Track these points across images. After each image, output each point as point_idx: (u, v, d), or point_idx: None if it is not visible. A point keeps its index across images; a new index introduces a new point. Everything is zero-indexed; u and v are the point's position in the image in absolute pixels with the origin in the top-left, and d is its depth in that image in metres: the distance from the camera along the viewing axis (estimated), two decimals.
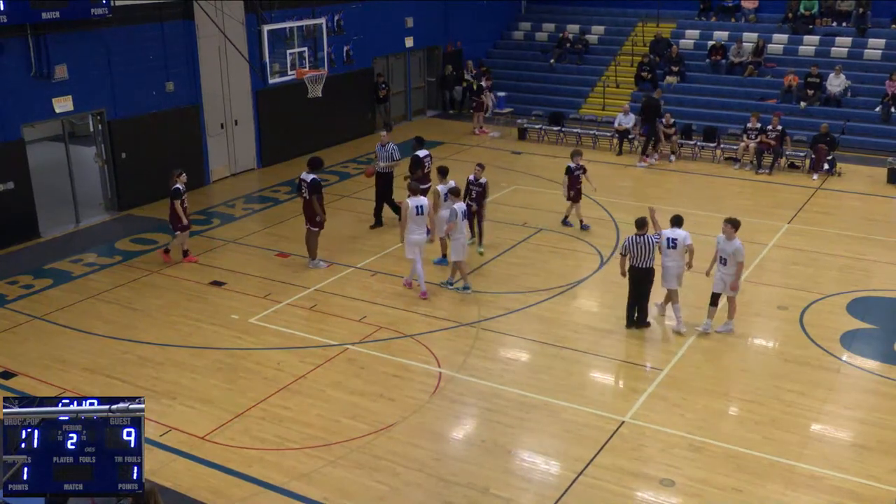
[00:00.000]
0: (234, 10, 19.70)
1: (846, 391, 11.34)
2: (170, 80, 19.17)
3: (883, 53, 24.85)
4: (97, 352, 12.47)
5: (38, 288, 14.73)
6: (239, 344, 12.67)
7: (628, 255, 12.59)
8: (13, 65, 16.21)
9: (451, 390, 11.33)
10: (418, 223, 13.81)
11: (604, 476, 9.47)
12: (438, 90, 28.25)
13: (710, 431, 10.30)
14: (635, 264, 12.56)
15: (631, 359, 12.18)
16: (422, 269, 14.07)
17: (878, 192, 19.66)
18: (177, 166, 15.53)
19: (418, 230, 13.84)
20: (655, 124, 21.92)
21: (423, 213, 13.86)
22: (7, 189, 16.43)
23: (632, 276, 12.67)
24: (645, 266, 12.56)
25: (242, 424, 10.57)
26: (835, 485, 9.31)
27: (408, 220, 13.74)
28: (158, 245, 16.54)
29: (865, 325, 13.04)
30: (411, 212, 13.71)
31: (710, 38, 27.08)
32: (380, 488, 9.32)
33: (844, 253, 15.87)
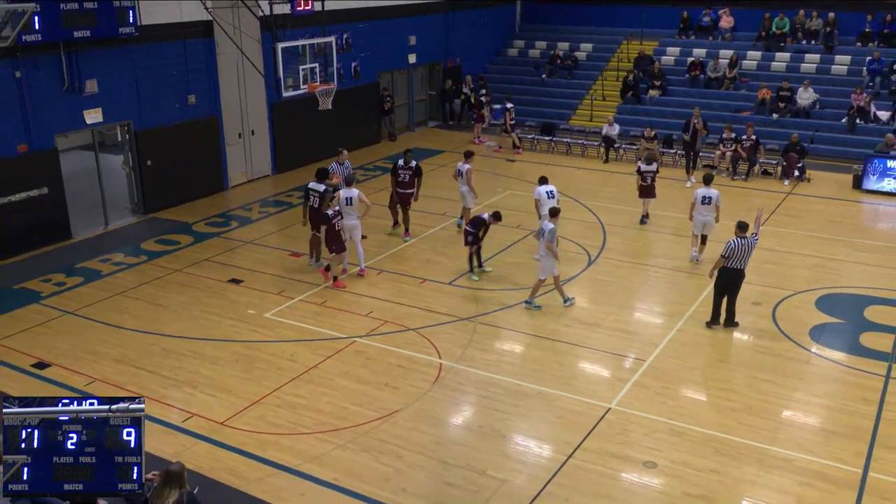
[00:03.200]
0: (250, 28, 19.70)
1: (815, 380, 11.33)
2: (191, 94, 19.16)
3: (848, 69, 24.84)
4: (125, 344, 12.46)
5: (70, 285, 14.72)
6: (255, 337, 12.66)
7: (730, 257, 12.07)
8: (47, 79, 16.20)
9: (450, 380, 11.33)
10: (348, 211, 14.42)
11: (591, 459, 9.46)
12: (439, 103, 28.23)
13: (689, 417, 10.30)
14: (731, 265, 12.18)
15: (616, 351, 12.17)
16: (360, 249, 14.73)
17: (845, 196, 19.66)
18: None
19: (349, 217, 14.44)
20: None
21: (351, 204, 14.42)
22: (42, 194, 16.41)
23: (726, 275, 12.27)
24: (739, 267, 12.22)
25: (258, 411, 10.56)
26: (804, 466, 9.31)
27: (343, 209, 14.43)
28: (181, 246, 16.55)
29: (833, 320, 13.03)
30: (342, 202, 14.38)
31: (690, 55, 27.11)
32: (385, 470, 9.31)
33: (813, 253, 15.87)
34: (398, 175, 16.55)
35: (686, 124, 21.11)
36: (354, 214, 14.56)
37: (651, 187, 17.30)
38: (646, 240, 16.78)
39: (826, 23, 25.84)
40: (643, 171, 17.20)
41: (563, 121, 26.31)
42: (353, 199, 14.51)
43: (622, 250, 16.08)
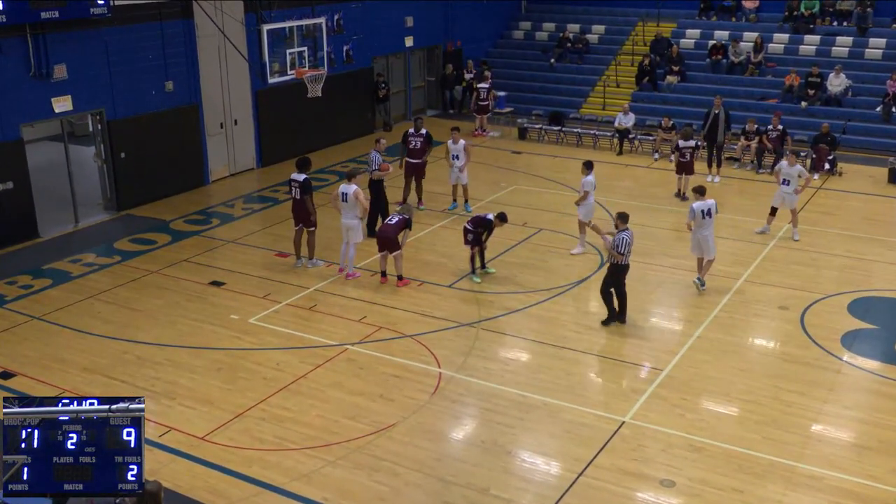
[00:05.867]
0: (233, 9, 19.70)
1: (846, 391, 11.35)
2: (169, 80, 19.17)
3: (884, 53, 24.83)
4: (96, 352, 12.48)
5: (37, 288, 14.74)
6: (238, 344, 12.68)
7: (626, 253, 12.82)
8: (12, 64, 16.21)
9: (450, 390, 11.34)
10: (345, 209, 14.48)
11: (604, 476, 9.48)
12: (439, 90, 28.25)
13: (710, 432, 10.31)
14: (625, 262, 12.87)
15: (631, 359, 12.19)
16: (352, 252, 14.77)
17: (879, 192, 19.67)
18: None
19: (345, 215, 14.50)
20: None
21: (346, 200, 14.44)
22: (6, 189, 16.43)
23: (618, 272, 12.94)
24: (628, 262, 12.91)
25: (242, 425, 10.58)
26: (835, 485, 9.32)
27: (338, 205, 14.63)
28: (158, 245, 16.57)
29: (866, 325, 13.04)
30: (339, 197, 14.49)
31: (711, 38, 27.05)
32: (380, 489, 9.33)
33: (845, 253, 15.88)
34: (409, 142, 17.57)
35: (706, 115, 21.07)
36: (352, 213, 14.56)
37: (690, 163, 18.72)
38: (662, 239, 16.79)
39: (859, 3, 25.84)
40: (682, 147, 18.64)
41: (574, 109, 26.32)
42: (349, 196, 14.51)
43: (637, 250, 15.92)
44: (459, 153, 17.75)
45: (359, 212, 14.63)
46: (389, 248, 14.32)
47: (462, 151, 17.74)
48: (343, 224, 14.58)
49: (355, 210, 14.54)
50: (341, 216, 14.56)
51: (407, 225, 14.39)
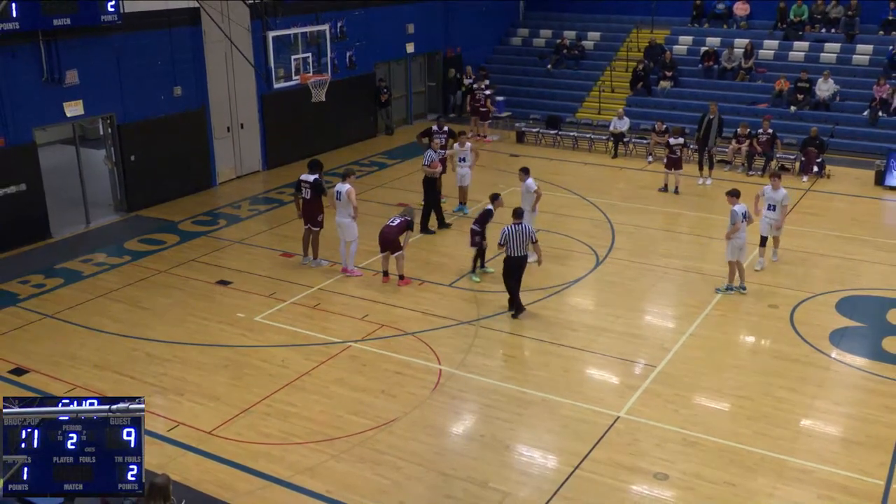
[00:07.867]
0: (240, 16, 19.69)
1: (835, 387, 11.34)
2: (177, 85, 19.16)
3: (870, 59, 24.82)
4: (106, 349, 12.46)
5: (49, 287, 14.72)
6: (244, 341, 12.67)
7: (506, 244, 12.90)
8: (25, 70, 16.19)
9: (450, 387, 11.33)
10: (338, 207, 14.55)
11: (599, 470, 9.46)
12: (441, 94, 28.23)
13: (703, 427, 10.30)
14: (511, 254, 12.94)
15: (626, 356, 12.17)
16: (352, 249, 14.80)
17: (866, 193, 19.65)
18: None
19: (338, 213, 14.57)
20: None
21: (340, 199, 14.44)
22: (19, 190, 16.41)
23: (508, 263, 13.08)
24: (519, 254, 12.97)
25: (248, 420, 10.57)
26: (824, 478, 9.31)
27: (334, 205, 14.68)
28: (166, 245, 16.56)
29: (854, 323, 13.03)
30: (334, 195, 14.59)
31: (703, 44, 27.08)
32: (382, 482, 9.32)
33: (833, 253, 15.87)
34: (435, 139, 18.11)
35: (701, 120, 20.99)
36: (345, 212, 14.57)
37: (679, 159, 19.28)
38: (657, 239, 16.77)
39: (847, 10, 25.82)
40: (672, 144, 19.27)
41: (570, 114, 26.28)
42: (343, 195, 14.51)
43: (631, 250, 16.08)
44: (466, 155, 17.90)
45: (351, 210, 14.60)
46: (391, 248, 14.31)
47: (469, 153, 17.91)
48: (336, 222, 14.62)
49: (348, 209, 14.54)
50: (337, 215, 14.58)
51: (409, 226, 14.38)
